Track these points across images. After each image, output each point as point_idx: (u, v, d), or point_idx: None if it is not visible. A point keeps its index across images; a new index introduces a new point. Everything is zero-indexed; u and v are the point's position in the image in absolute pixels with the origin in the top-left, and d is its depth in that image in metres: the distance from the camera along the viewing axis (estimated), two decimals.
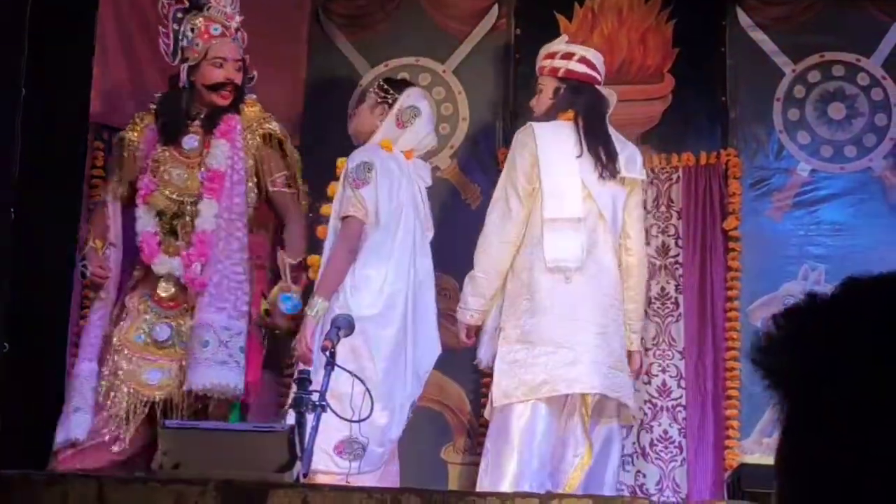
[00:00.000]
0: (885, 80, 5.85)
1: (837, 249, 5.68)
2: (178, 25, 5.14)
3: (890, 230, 5.65)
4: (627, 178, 5.10)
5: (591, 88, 5.17)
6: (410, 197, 5.07)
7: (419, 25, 6.19)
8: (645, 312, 5.64)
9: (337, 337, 4.31)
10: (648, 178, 5.80)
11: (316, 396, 3.95)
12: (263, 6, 6.06)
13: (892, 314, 1.01)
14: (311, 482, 4.01)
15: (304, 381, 3.99)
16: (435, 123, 5.47)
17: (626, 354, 5.06)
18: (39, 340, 5.04)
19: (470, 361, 5.27)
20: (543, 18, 5.99)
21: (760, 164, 5.87)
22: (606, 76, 5.45)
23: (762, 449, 5.42)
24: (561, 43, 5.26)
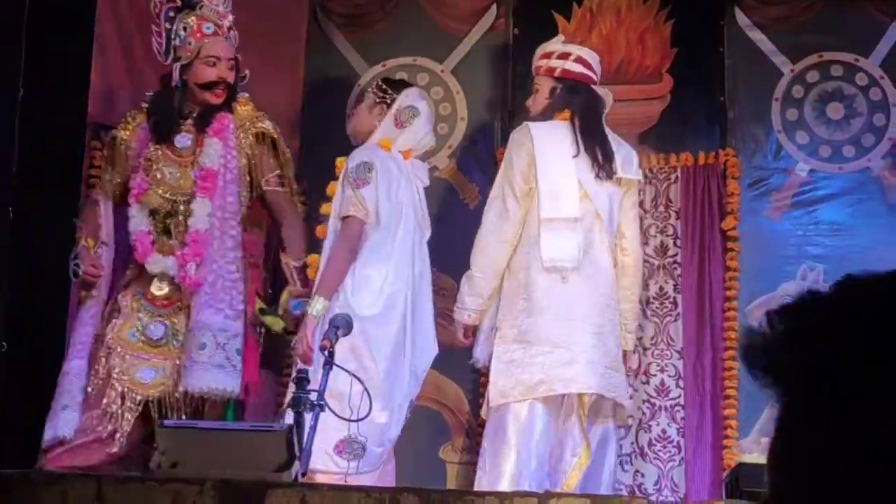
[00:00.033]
0: (883, 80, 5.85)
1: (836, 249, 5.68)
2: (170, 24, 5.13)
3: (888, 230, 5.65)
4: (624, 178, 5.10)
5: (587, 88, 5.17)
6: (409, 197, 5.07)
7: (418, 25, 6.19)
8: (643, 312, 5.66)
9: (335, 336, 4.31)
10: (647, 177, 5.81)
11: (314, 396, 3.95)
12: (262, 5, 6.07)
13: (890, 312, 1.00)
14: (309, 482, 4.01)
15: (302, 380, 3.99)
16: (433, 124, 5.47)
17: (621, 354, 5.06)
18: (38, 340, 5.04)
19: (468, 361, 5.26)
20: (542, 18, 5.99)
21: (759, 164, 5.87)
22: (605, 76, 5.45)
23: (760, 448, 5.42)
24: (557, 43, 5.26)
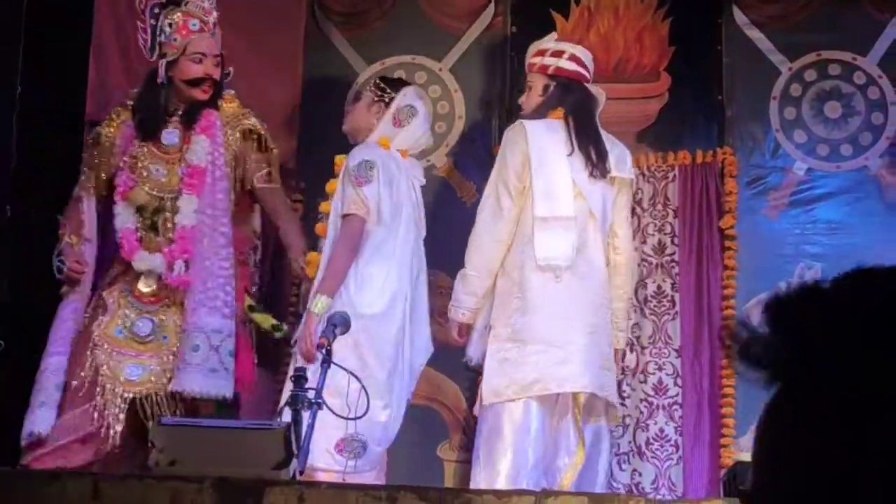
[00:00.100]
0: (881, 78, 5.86)
1: (834, 248, 5.68)
2: (155, 21, 5.12)
3: (886, 229, 5.65)
4: (617, 177, 5.10)
5: (580, 86, 5.16)
6: (408, 195, 5.08)
7: (415, 23, 6.18)
8: (640, 311, 5.66)
9: (333, 335, 4.31)
10: (645, 176, 5.82)
11: (312, 394, 3.95)
12: (259, 3, 6.07)
13: (888, 307, 1.00)
14: (308, 479, 4.01)
15: (300, 378, 3.99)
16: (431, 122, 5.47)
17: (613, 353, 5.07)
18: (37, 338, 5.03)
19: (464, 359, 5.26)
20: (539, 16, 5.99)
21: (757, 162, 5.88)
22: (603, 74, 5.44)
23: None
24: (550, 40, 5.25)
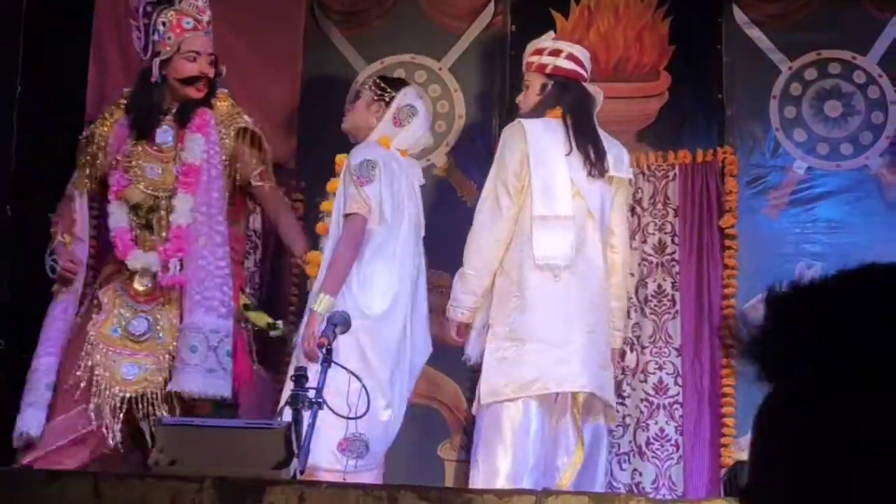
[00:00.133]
0: (881, 77, 5.86)
1: (834, 247, 5.68)
2: (148, 19, 5.10)
3: (886, 228, 5.65)
4: (615, 176, 5.10)
5: (578, 86, 5.16)
6: (410, 195, 5.09)
7: (415, 22, 6.18)
8: (640, 310, 5.66)
9: (333, 334, 4.32)
10: (645, 175, 5.82)
11: (313, 393, 3.95)
12: (259, 2, 6.07)
13: (882, 304, 0.99)
14: (309, 479, 4.01)
15: (300, 378, 3.99)
16: (430, 122, 5.47)
17: (610, 353, 5.07)
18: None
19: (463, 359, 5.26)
20: (539, 15, 5.98)
21: (757, 161, 5.88)
22: (603, 74, 5.44)
23: None
24: (548, 39, 5.25)
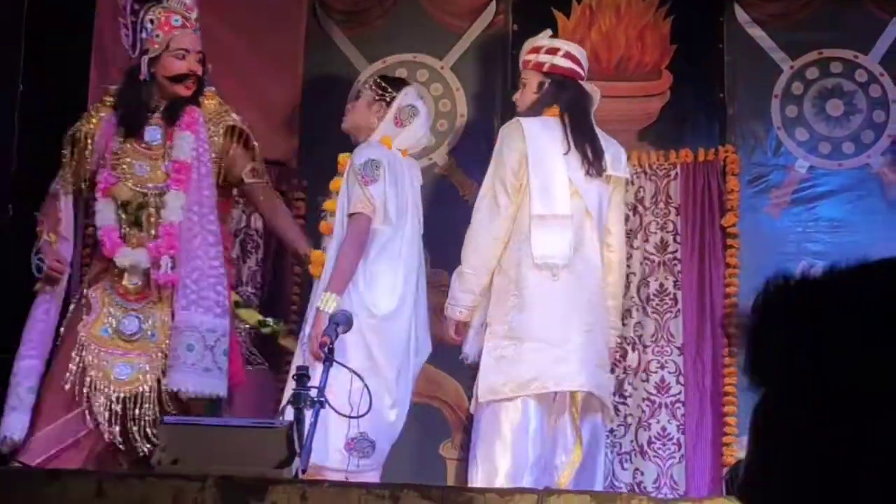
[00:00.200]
0: (882, 76, 5.86)
1: (835, 246, 5.67)
2: (135, 17, 5.06)
3: (888, 226, 5.65)
4: (613, 176, 5.10)
5: (575, 84, 5.16)
6: (412, 195, 5.09)
7: (417, 21, 6.18)
8: (642, 309, 5.66)
9: (335, 333, 4.32)
10: (647, 174, 5.82)
11: (315, 392, 3.95)
12: (260, 2, 6.07)
13: (882, 299, 0.98)
14: (314, 478, 4.01)
15: (302, 377, 3.99)
16: (432, 122, 5.48)
17: (608, 352, 5.07)
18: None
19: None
20: (541, 14, 5.98)
21: (758, 160, 5.87)
22: (605, 73, 5.43)
23: None
24: (545, 38, 5.24)
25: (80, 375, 4.72)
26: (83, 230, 5.30)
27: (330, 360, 4.18)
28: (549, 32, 5.30)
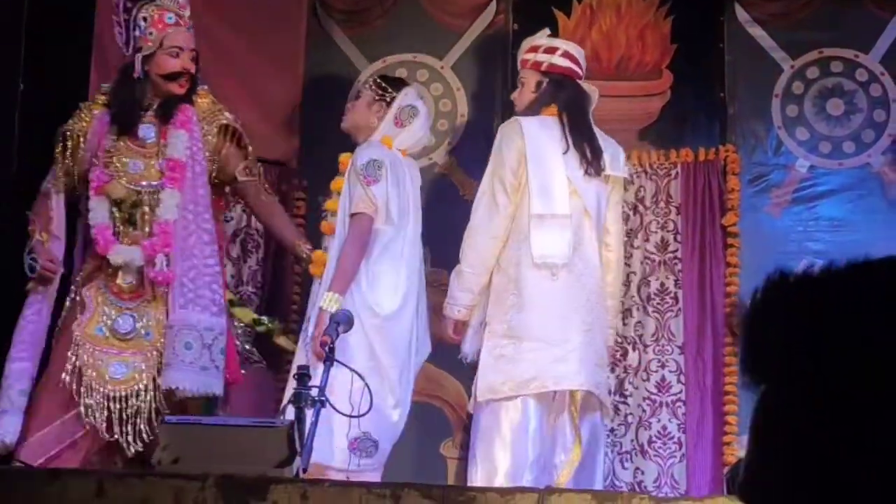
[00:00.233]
0: (883, 76, 5.86)
1: (836, 245, 5.67)
2: (128, 15, 5.05)
3: (888, 226, 5.65)
4: (612, 175, 5.10)
5: (573, 83, 5.15)
6: (413, 195, 5.10)
7: (417, 21, 6.18)
8: (643, 309, 5.66)
9: (336, 332, 4.32)
10: (647, 174, 5.82)
11: (315, 391, 3.95)
12: (260, 2, 6.07)
13: (881, 297, 0.98)
14: (317, 477, 4.01)
15: (303, 376, 4.00)
16: (432, 122, 5.48)
17: (606, 351, 5.07)
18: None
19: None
20: (542, 14, 5.98)
21: (759, 160, 5.88)
22: (605, 72, 5.43)
23: None
24: (543, 37, 5.24)
25: (75, 375, 4.70)
26: (85, 230, 5.28)
27: (331, 359, 4.19)
28: (547, 31, 5.30)
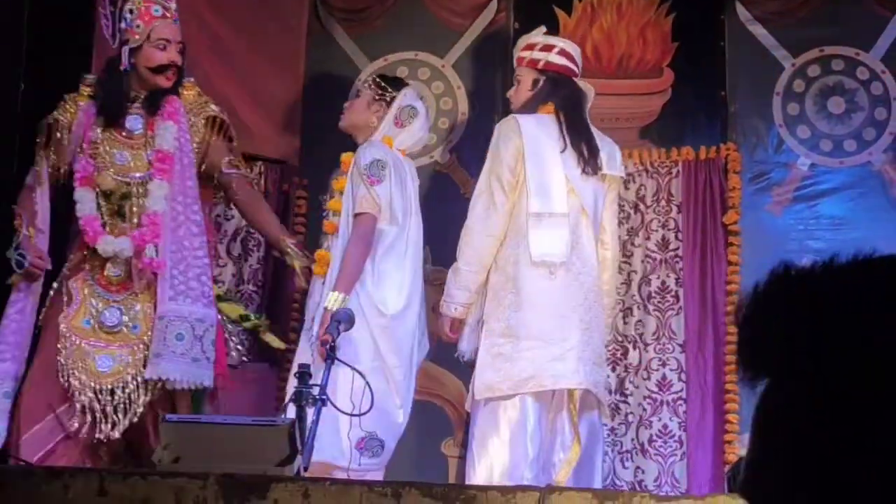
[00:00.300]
0: (884, 74, 5.86)
1: (837, 243, 5.66)
2: (114, 7, 5.03)
3: (890, 224, 5.65)
4: (608, 174, 5.10)
5: (569, 81, 5.15)
6: (414, 195, 5.10)
7: (418, 19, 6.18)
8: (643, 307, 5.67)
9: (337, 331, 4.33)
10: (648, 172, 5.82)
11: (316, 390, 3.95)
12: (262, 0, 6.07)
13: (889, 298, 0.98)
14: (315, 476, 4.01)
15: (304, 374, 4.00)
16: (431, 122, 5.49)
17: (604, 349, 5.07)
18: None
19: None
20: (542, 13, 5.97)
21: (760, 158, 5.88)
22: (606, 71, 5.42)
23: None
24: (539, 34, 5.24)
25: (63, 369, 4.68)
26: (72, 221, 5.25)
27: (332, 357, 4.19)
28: (543, 29, 5.29)
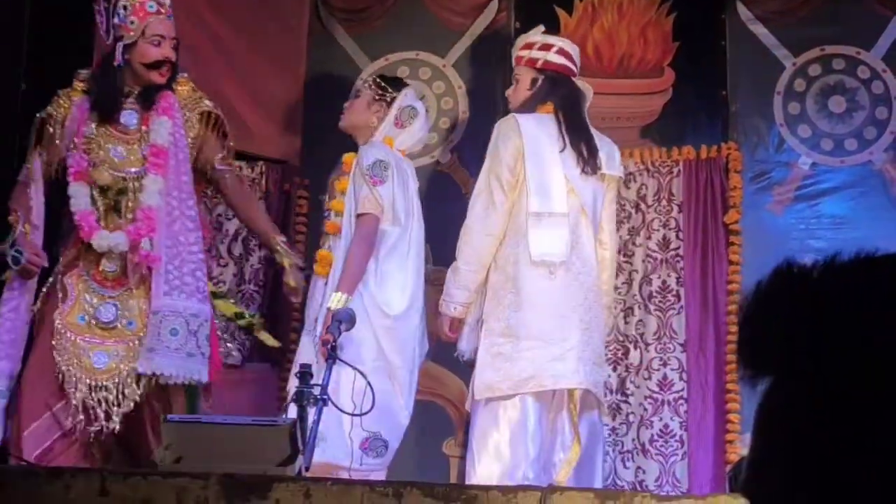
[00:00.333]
0: (885, 73, 5.86)
1: (838, 243, 5.66)
2: (107, 2, 5.02)
3: (891, 223, 5.65)
4: (607, 174, 5.10)
5: (568, 81, 5.15)
6: (415, 196, 5.11)
7: (419, 19, 6.18)
8: (644, 307, 5.67)
9: (339, 331, 4.33)
10: (649, 171, 5.83)
11: (318, 390, 3.96)
12: (262, 0, 6.07)
13: (890, 297, 0.98)
14: (313, 476, 4.01)
15: (305, 374, 4.00)
16: (431, 123, 5.49)
17: (603, 349, 5.07)
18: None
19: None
20: (543, 12, 5.98)
21: (761, 157, 5.88)
22: (607, 70, 5.42)
23: None
24: (538, 34, 5.24)
25: (59, 366, 4.67)
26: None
27: (333, 357, 4.19)
28: (541, 28, 5.29)
